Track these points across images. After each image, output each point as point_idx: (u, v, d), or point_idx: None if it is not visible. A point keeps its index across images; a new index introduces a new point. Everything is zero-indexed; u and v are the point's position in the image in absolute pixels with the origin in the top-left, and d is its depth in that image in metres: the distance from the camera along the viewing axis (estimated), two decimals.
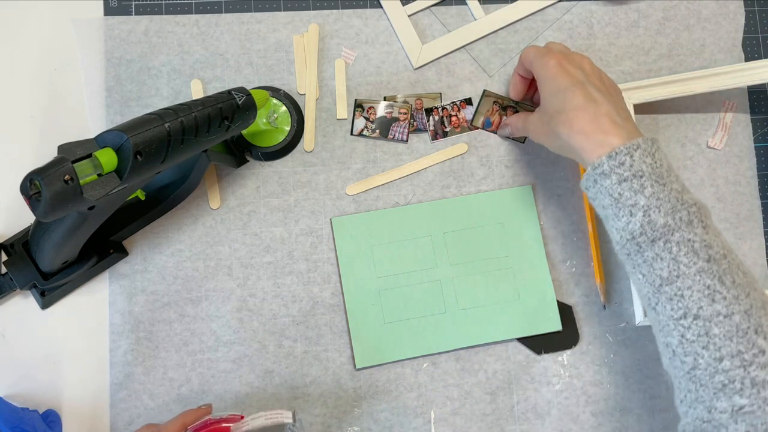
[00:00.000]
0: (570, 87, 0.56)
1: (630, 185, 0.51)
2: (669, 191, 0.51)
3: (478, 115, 0.67)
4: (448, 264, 0.67)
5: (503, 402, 0.66)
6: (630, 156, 0.52)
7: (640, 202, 0.51)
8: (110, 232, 0.63)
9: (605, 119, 0.54)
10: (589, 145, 0.54)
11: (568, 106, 0.56)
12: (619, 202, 0.52)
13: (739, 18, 0.73)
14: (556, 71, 0.58)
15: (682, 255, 0.50)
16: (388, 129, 0.68)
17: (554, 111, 0.57)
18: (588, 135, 0.54)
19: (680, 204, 0.51)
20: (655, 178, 0.51)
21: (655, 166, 0.52)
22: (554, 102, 0.57)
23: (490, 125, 0.68)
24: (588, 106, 0.55)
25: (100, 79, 0.67)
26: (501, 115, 0.68)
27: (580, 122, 0.55)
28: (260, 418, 0.59)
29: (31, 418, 0.58)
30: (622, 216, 0.52)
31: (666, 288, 0.50)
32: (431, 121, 0.68)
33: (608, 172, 0.52)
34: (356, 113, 0.68)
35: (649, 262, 0.51)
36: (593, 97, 0.56)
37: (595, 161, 0.53)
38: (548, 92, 0.58)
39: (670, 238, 0.50)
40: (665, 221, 0.50)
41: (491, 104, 0.68)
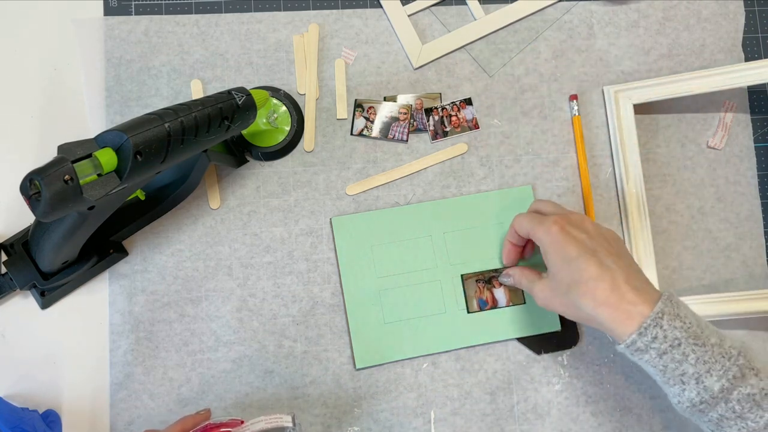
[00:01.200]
0: (581, 256, 0.54)
1: (672, 357, 0.50)
2: (711, 350, 0.50)
3: (469, 301, 0.65)
4: (448, 264, 0.67)
5: (503, 402, 0.66)
6: (660, 327, 0.50)
7: (689, 371, 0.50)
8: (110, 232, 0.63)
9: (626, 287, 0.52)
10: (616, 317, 0.52)
11: (584, 277, 0.53)
12: (665, 373, 0.51)
13: (739, 18, 0.73)
14: (562, 238, 0.56)
15: (747, 412, 0.49)
16: (388, 129, 0.68)
17: (570, 281, 0.54)
18: (613, 307, 0.52)
19: (727, 360, 0.49)
20: (693, 341, 0.50)
21: (686, 327, 0.50)
22: (567, 272, 0.55)
23: (486, 304, 0.66)
24: (604, 275, 0.53)
25: (100, 79, 0.67)
26: (490, 289, 0.66)
27: (602, 294, 0.52)
28: (260, 423, 0.59)
29: (31, 418, 0.58)
30: (674, 384, 0.51)
31: None
32: (431, 120, 0.68)
33: (644, 348, 0.51)
34: (356, 113, 0.68)
35: (714, 421, 0.50)
36: (607, 264, 0.53)
37: (627, 340, 0.51)
38: (558, 262, 0.56)
39: (730, 398, 0.49)
40: (720, 385, 0.49)
41: (475, 285, 0.66)
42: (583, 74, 0.71)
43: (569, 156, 0.70)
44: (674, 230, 0.70)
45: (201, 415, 0.59)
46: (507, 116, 0.70)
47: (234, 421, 0.59)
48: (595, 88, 0.71)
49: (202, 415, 0.59)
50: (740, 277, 0.70)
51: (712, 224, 0.70)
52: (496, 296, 0.66)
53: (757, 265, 0.70)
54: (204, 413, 0.59)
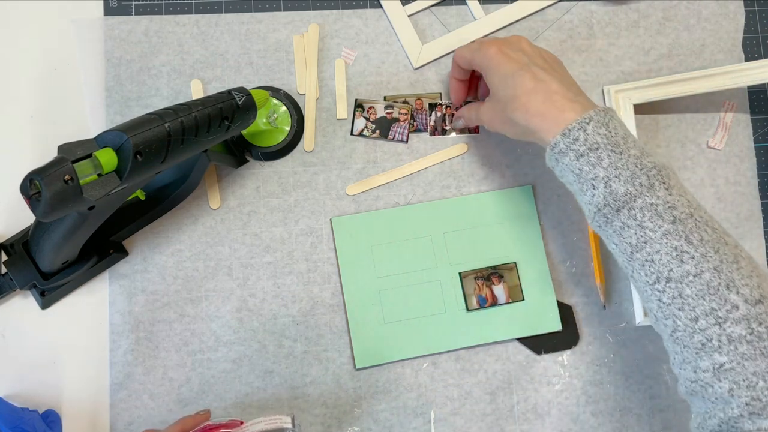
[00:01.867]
0: (517, 71, 0.56)
1: (587, 159, 0.52)
2: (627, 158, 0.51)
3: (468, 298, 0.65)
4: (448, 264, 0.67)
5: (503, 402, 0.66)
6: (583, 130, 0.52)
7: (600, 174, 0.51)
8: (110, 232, 0.63)
9: (557, 97, 0.54)
10: (547, 125, 0.54)
11: (519, 91, 0.56)
12: (580, 177, 0.52)
13: (739, 18, 0.73)
14: (499, 58, 0.58)
15: (647, 220, 0.50)
16: (389, 129, 0.68)
17: (506, 98, 0.57)
18: (544, 116, 0.54)
19: (639, 169, 0.51)
20: (611, 148, 0.51)
21: (610, 135, 0.52)
22: (504, 89, 0.57)
23: (485, 301, 0.66)
24: (538, 87, 0.55)
25: (100, 79, 0.67)
26: (489, 286, 0.66)
27: (534, 104, 0.55)
28: (260, 424, 0.59)
29: (31, 418, 0.58)
30: (586, 190, 0.52)
31: (637, 255, 0.50)
32: (434, 116, 0.68)
33: (565, 149, 0.53)
34: (356, 113, 0.68)
35: (618, 231, 0.51)
36: (541, 77, 0.56)
37: (552, 141, 0.53)
38: (496, 80, 0.58)
39: (633, 205, 0.50)
40: (625, 189, 0.50)
41: (474, 282, 0.66)
42: (583, 74, 0.71)
43: None
44: None
45: (201, 416, 0.59)
46: None
47: (233, 422, 0.59)
48: (595, 88, 0.71)
49: (202, 416, 0.59)
50: None
51: None
52: (496, 293, 0.66)
53: None
54: (204, 414, 0.59)
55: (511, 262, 0.67)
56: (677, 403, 0.67)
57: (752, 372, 0.45)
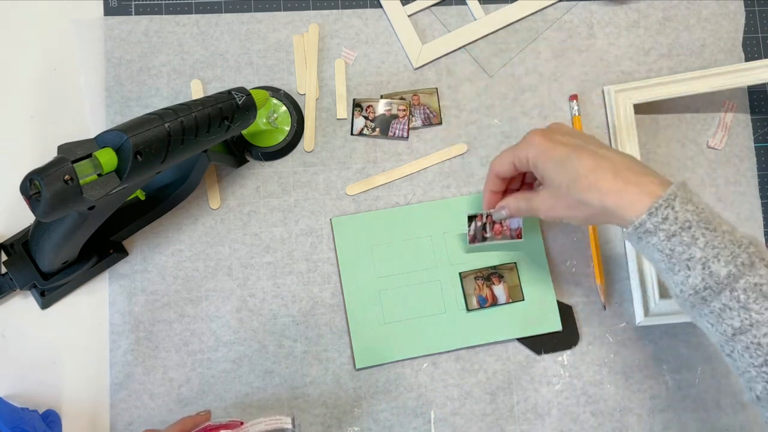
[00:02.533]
0: (573, 153, 0.53)
1: (680, 239, 0.48)
2: (722, 236, 0.47)
3: (469, 298, 0.65)
4: (448, 264, 0.67)
5: (503, 402, 0.66)
6: (671, 208, 0.48)
7: (696, 254, 0.47)
8: (110, 232, 0.63)
9: (627, 173, 0.51)
10: (625, 202, 0.50)
11: (582, 172, 0.52)
12: (672, 258, 0.48)
13: (739, 18, 0.73)
14: (548, 144, 0.55)
15: (752, 302, 0.46)
16: (388, 127, 0.68)
17: (569, 181, 0.53)
18: (620, 193, 0.50)
19: (737, 247, 0.47)
20: (704, 225, 0.48)
21: (699, 211, 0.48)
22: (563, 174, 0.53)
23: (486, 301, 0.65)
24: (602, 164, 0.51)
25: (100, 79, 0.67)
26: (489, 286, 0.66)
27: (605, 182, 0.51)
28: (260, 425, 0.59)
29: (31, 418, 0.58)
30: (678, 271, 0.49)
31: (741, 337, 0.47)
32: (472, 226, 0.65)
33: (653, 229, 0.48)
34: (355, 113, 0.68)
35: (716, 312, 0.48)
36: (601, 154, 0.52)
37: (636, 221, 0.49)
38: (551, 168, 0.54)
39: (736, 286, 0.47)
40: (728, 271, 0.47)
41: (474, 282, 0.65)
42: (583, 74, 0.71)
43: None
44: None
45: (201, 417, 0.59)
46: (507, 116, 0.70)
47: (233, 422, 0.59)
48: (595, 88, 0.71)
49: (202, 416, 0.59)
50: None
51: None
52: (496, 293, 0.66)
53: None
54: (204, 415, 0.59)
55: (511, 262, 0.67)
56: (677, 402, 0.67)
57: None
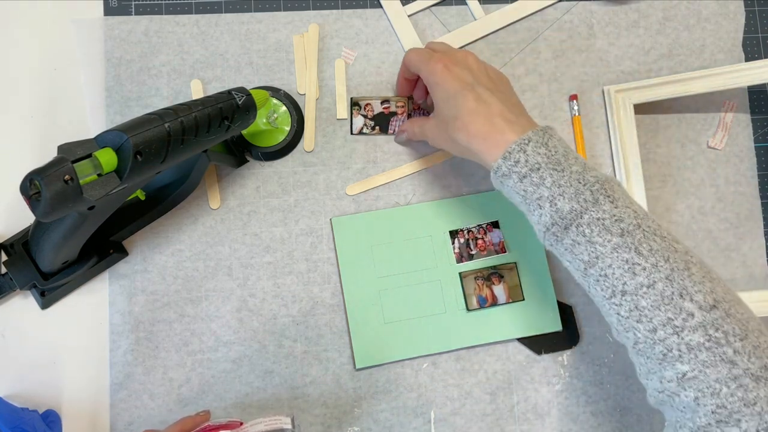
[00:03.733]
0: (460, 91, 0.56)
1: (531, 180, 0.52)
2: (569, 176, 0.51)
3: (469, 298, 0.65)
4: (448, 264, 0.67)
5: (503, 402, 0.66)
6: (523, 152, 0.52)
7: (544, 193, 0.51)
8: (110, 232, 0.63)
9: (498, 119, 0.54)
10: (488, 147, 0.54)
11: (461, 111, 0.56)
12: (526, 198, 0.53)
13: (739, 18, 0.73)
14: (444, 76, 0.58)
15: (596, 235, 0.50)
16: (387, 124, 0.68)
17: (449, 117, 0.57)
18: (485, 138, 0.54)
19: (582, 185, 0.51)
20: (553, 167, 0.52)
21: (550, 154, 0.52)
22: (447, 108, 0.57)
23: (486, 301, 0.65)
24: (480, 108, 0.55)
25: (100, 79, 0.67)
26: (490, 286, 0.66)
27: (475, 126, 0.55)
28: (259, 424, 0.59)
29: (31, 418, 0.58)
30: (533, 210, 0.53)
31: (591, 271, 0.50)
32: (456, 243, 0.66)
33: (507, 172, 0.53)
34: (354, 111, 0.68)
35: (569, 249, 0.51)
36: (484, 98, 0.56)
37: (494, 165, 0.53)
38: (440, 98, 0.58)
39: (581, 222, 0.50)
40: (571, 206, 0.50)
41: (474, 282, 0.66)
42: (583, 74, 0.71)
43: None
44: (674, 230, 0.70)
45: (200, 417, 0.59)
46: None
47: (233, 422, 0.59)
48: (595, 88, 0.71)
49: (202, 416, 0.59)
50: (740, 277, 0.70)
51: (712, 224, 0.70)
52: (496, 293, 0.66)
53: (757, 265, 0.70)
54: (203, 415, 0.59)
55: (511, 262, 0.67)
56: None
57: (714, 379, 0.45)
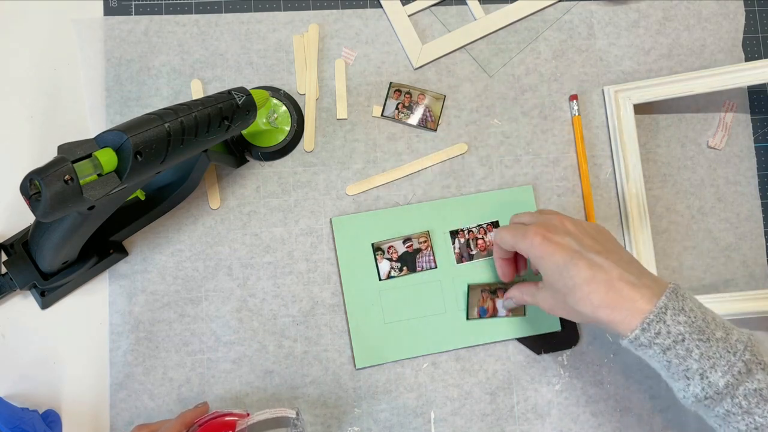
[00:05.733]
0: (570, 261, 0.53)
1: (675, 353, 0.49)
2: (716, 345, 0.48)
3: (471, 308, 0.65)
4: (448, 264, 0.67)
5: (503, 402, 0.66)
6: (663, 322, 0.49)
7: (693, 366, 0.48)
8: (110, 232, 0.63)
9: (621, 284, 0.51)
10: (618, 317, 0.50)
11: (577, 281, 0.52)
12: (670, 369, 0.50)
13: (739, 18, 0.73)
14: (547, 248, 0.54)
15: (754, 407, 0.47)
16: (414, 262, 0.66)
17: (565, 289, 0.53)
18: (613, 308, 0.50)
19: (732, 355, 0.48)
20: (698, 337, 0.49)
21: (691, 321, 0.49)
22: (560, 280, 0.53)
23: (486, 312, 0.65)
24: (598, 275, 0.51)
25: (100, 79, 0.67)
26: (493, 299, 0.66)
27: (598, 296, 0.51)
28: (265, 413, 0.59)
29: (31, 418, 0.58)
30: (678, 380, 0.50)
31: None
32: (456, 243, 0.66)
33: (647, 344, 0.50)
34: (377, 257, 0.66)
35: (721, 416, 0.49)
36: (597, 263, 0.52)
37: (630, 336, 0.50)
38: (549, 271, 0.54)
39: (736, 393, 0.48)
40: (726, 381, 0.48)
41: (480, 294, 0.65)
42: (583, 74, 0.71)
43: (569, 156, 0.70)
44: (674, 230, 0.70)
45: (199, 409, 0.59)
46: (507, 116, 0.70)
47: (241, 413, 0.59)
48: (595, 88, 0.71)
49: (200, 409, 0.59)
50: (740, 277, 0.70)
51: (712, 224, 0.70)
52: (498, 306, 0.66)
53: (757, 265, 0.70)
54: (202, 407, 0.59)
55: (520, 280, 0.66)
56: (677, 402, 0.67)
57: None
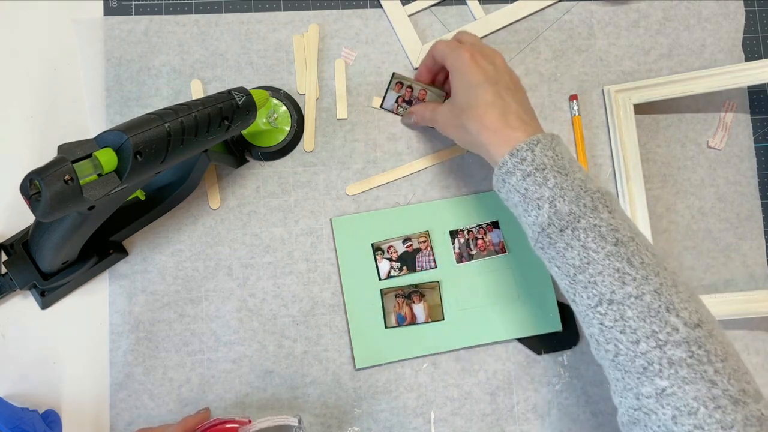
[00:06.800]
0: (482, 83, 0.57)
1: (534, 179, 0.53)
2: (572, 180, 0.52)
3: (387, 316, 0.64)
4: (449, 264, 0.67)
5: (503, 402, 0.66)
6: (531, 151, 0.53)
7: (545, 194, 0.52)
8: (110, 232, 0.63)
9: (512, 116, 0.56)
10: (496, 141, 0.55)
11: (479, 102, 0.57)
12: (526, 197, 0.53)
13: (739, 18, 0.73)
14: (470, 65, 0.58)
15: (590, 241, 0.50)
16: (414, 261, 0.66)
17: (466, 105, 0.58)
18: (496, 131, 0.55)
19: (584, 191, 0.52)
20: (557, 170, 0.53)
21: (557, 158, 0.53)
22: (466, 96, 0.58)
23: (404, 319, 0.65)
24: (497, 102, 0.56)
25: (100, 79, 0.67)
26: (409, 304, 0.65)
27: (489, 118, 0.56)
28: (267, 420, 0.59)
29: (31, 418, 0.58)
30: (531, 210, 0.53)
31: (580, 277, 0.50)
32: (456, 243, 0.67)
33: (512, 169, 0.54)
34: (377, 257, 0.66)
35: (561, 252, 0.52)
36: (502, 95, 0.57)
37: (500, 160, 0.54)
38: (460, 85, 0.59)
39: (577, 225, 0.51)
40: (570, 209, 0.51)
41: (394, 299, 0.65)
42: (583, 74, 0.71)
43: None
44: (674, 230, 0.70)
45: (201, 415, 0.59)
46: None
47: (242, 419, 0.59)
48: (595, 88, 0.71)
49: (202, 415, 0.59)
50: (740, 277, 0.70)
51: (712, 224, 0.70)
52: (415, 312, 0.65)
53: (757, 265, 0.70)
54: (203, 413, 0.59)
55: (433, 281, 0.66)
56: None
57: (693, 397, 0.45)
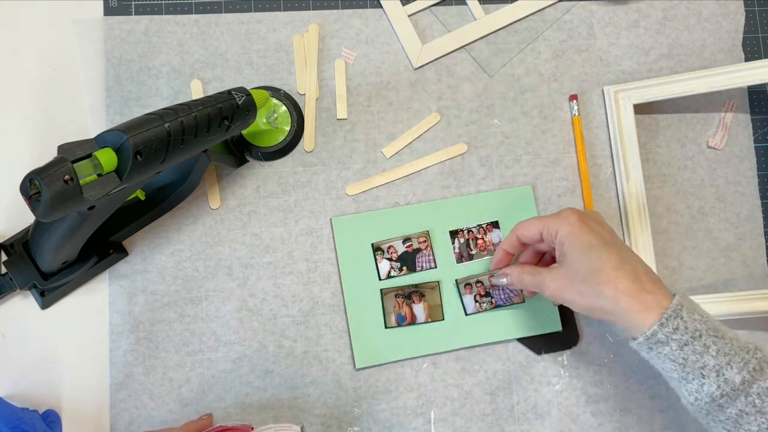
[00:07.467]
0: (602, 245, 0.54)
1: (693, 348, 0.50)
2: (731, 343, 0.50)
3: (387, 316, 0.64)
4: (448, 264, 0.67)
5: (503, 402, 0.66)
6: (680, 318, 0.50)
7: (710, 363, 0.49)
8: (110, 232, 0.63)
9: (645, 279, 0.53)
10: (636, 307, 0.52)
11: (605, 266, 0.53)
12: (685, 367, 0.50)
13: (739, 18, 0.73)
14: (582, 228, 0.56)
15: (766, 406, 0.48)
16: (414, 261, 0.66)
17: (589, 269, 0.54)
18: (633, 295, 0.52)
19: (746, 353, 0.49)
20: (713, 334, 0.50)
21: (705, 320, 0.51)
22: (587, 260, 0.54)
23: (404, 320, 0.65)
24: (626, 265, 0.53)
25: (100, 79, 0.67)
26: (409, 304, 0.65)
27: (623, 282, 0.52)
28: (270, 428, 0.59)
29: (31, 418, 0.58)
30: (692, 379, 0.50)
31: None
32: (456, 243, 0.66)
33: (665, 339, 0.51)
34: (377, 257, 0.65)
35: (733, 419, 0.49)
36: (626, 256, 0.54)
37: (647, 331, 0.51)
38: (576, 250, 0.55)
39: (750, 392, 0.49)
40: (742, 377, 0.49)
41: (394, 299, 0.65)
42: (583, 74, 0.71)
43: (569, 156, 0.70)
44: (674, 230, 0.70)
45: (203, 421, 0.59)
46: (507, 116, 0.70)
47: (245, 426, 0.59)
48: (595, 88, 0.71)
49: (204, 420, 0.59)
50: (740, 277, 0.70)
51: (712, 224, 0.70)
52: (415, 312, 0.65)
53: (757, 265, 0.70)
54: (206, 418, 0.59)
55: (434, 280, 0.66)
56: (677, 402, 0.67)
57: None
